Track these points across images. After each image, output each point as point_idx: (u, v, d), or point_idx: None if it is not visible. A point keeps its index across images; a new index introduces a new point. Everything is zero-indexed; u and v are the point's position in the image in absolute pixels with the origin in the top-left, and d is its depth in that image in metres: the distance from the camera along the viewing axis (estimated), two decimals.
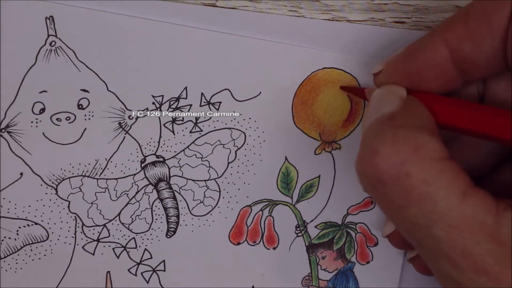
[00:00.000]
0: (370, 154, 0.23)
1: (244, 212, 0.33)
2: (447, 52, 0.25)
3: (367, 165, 0.23)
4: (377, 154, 0.22)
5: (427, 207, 0.21)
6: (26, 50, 0.31)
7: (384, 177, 0.22)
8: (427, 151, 0.22)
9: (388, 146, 0.22)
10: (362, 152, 0.24)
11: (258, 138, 0.33)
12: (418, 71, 0.25)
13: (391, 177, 0.22)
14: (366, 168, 0.23)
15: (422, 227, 0.22)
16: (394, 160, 0.22)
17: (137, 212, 0.33)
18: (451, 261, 0.21)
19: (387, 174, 0.22)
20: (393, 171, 0.22)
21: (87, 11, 0.31)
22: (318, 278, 0.34)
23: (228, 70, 0.32)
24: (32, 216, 0.32)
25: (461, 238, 0.21)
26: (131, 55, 0.31)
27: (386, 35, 0.32)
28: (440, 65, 0.25)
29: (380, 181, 0.22)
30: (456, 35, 0.24)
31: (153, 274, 0.33)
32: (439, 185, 0.21)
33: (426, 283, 0.34)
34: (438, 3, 0.32)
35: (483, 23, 0.24)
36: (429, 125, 0.24)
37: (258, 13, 0.32)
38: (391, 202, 0.23)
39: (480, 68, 0.25)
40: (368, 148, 0.23)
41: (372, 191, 0.23)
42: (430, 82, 0.26)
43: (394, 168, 0.22)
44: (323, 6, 0.32)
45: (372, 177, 0.23)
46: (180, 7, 0.31)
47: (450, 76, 0.25)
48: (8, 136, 0.31)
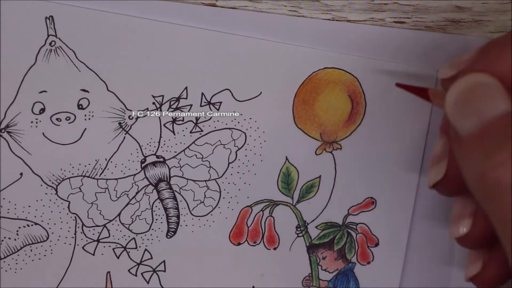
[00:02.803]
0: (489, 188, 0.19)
1: (245, 212, 0.33)
2: None
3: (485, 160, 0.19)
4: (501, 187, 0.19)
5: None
6: (26, 50, 0.31)
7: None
8: None
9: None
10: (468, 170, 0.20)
11: (259, 138, 0.33)
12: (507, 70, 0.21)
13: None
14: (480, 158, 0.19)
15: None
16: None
17: (137, 213, 0.33)
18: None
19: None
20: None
21: (87, 11, 0.31)
22: (319, 278, 0.34)
23: (228, 70, 0.32)
24: (32, 216, 0.32)
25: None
26: (131, 55, 0.31)
27: (386, 35, 0.32)
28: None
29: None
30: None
31: (153, 274, 0.33)
32: None
33: (427, 283, 0.34)
34: (438, 3, 0.32)
35: None
36: None
37: (258, 13, 0.32)
38: None
39: None
40: (479, 176, 0.20)
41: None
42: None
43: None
44: (323, 6, 0.32)
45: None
46: (180, 7, 0.31)
47: None
48: (8, 136, 0.31)
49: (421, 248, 0.34)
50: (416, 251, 0.34)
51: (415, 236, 0.34)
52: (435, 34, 0.32)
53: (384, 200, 0.34)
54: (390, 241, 0.34)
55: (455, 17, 0.32)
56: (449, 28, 0.32)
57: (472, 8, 0.32)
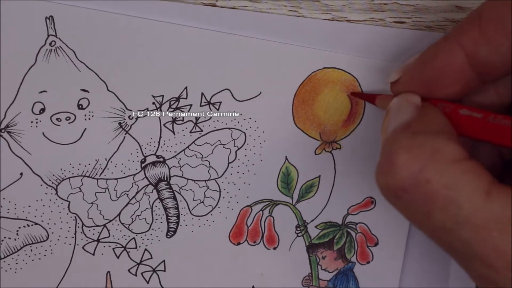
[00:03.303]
0: (388, 164, 0.23)
1: (244, 212, 0.33)
2: (463, 57, 0.24)
3: (386, 176, 0.23)
4: (395, 163, 0.22)
5: (451, 210, 0.21)
6: (26, 50, 0.31)
7: (404, 185, 0.22)
8: (444, 154, 0.22)
9: (405, 154, 0.22)
10: (380, 163, 0.23)
11: (259, 138, 0.33)
12: (436, 78, 0.25)
13: (411, 184, 0.22)
14: (385, 178, 0.23)
15: (450, 231, 0.21)
16: (412, 167, 0.22)
17: (137, 212, 0.33)
18: (484, 261, 0.21)
19: (407, 182, 0.22)
20: (413, 179, 0.22)
21: (87, 11, 0.31)
22: (318, 278, 0.34)
23: (228, 70, 0.32)
24: (32, 216, 0.32)
25: (491, 237, 0.21)
26: (131, 55, 0.31)
27: (386, 35, 0.32)
28: (458, 70, 0.25)
29: (401, 190, 0.22)
30: (471, 39, 0.24)
31: (153, 274, 0.33)
32: (461, 187, 0.21)
33: (426, 283, 0.34)
34: (438, 3, 0.32)
35: (497, 26, 0.23)
36: (446, 129, 0.24)
37: (258, 13, 0.32)
38: (415, 210, 0.22)
39: (498, 69, 0.24)
40: (385, 158, 0.23)
41: (394, 201, 0.23)
42: (448, 88, 0.25)
43: (412, 175, 0.22)
44: (323, 6, 0.32)
45: (392, 186, 0.23)
46: (180, 7, 0.31)
47: (468, 80, 0.25)
48: (8, 136, 0.31)
49: (420, 248, 0.34)
50: (415, 251, 0.34)
51: (414, 236, 0.34)
52: (435, 34, 0.32)
53: (384, 200, 0.33)
54: (390, 241, 0.34)
55: (455, 17, 0.32)
56: (449, 28, 0.32)
57: (472, 8, 0.32)
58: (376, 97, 0.30)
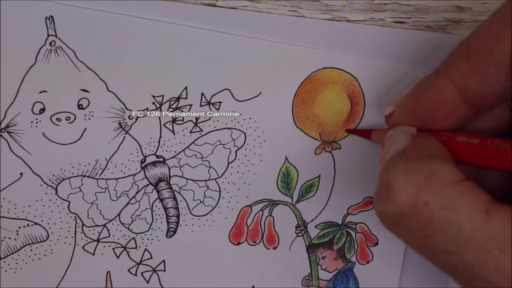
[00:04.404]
0: (385, 190, 0.23)
1: (244, 212, 0.33)
2: (455, 91, 0.24)
3: (384, 202, 0.23)
4: (392, 189, 0.22)
5: (451, 232, 0.21)
6: (26, 50, 0.31)
7: (403, 210, 0.22)
8: (441, 177, 0.22)
9: (401, 178, 0.22)
10: (377, 190, 0.23)
11: (258, 138, 0.33)
12: (428, 112, 0.26)
13: (409, 208, 0.22)
14: (383, 205, 0.23)
15: (451, 253, 0.21)
16: (409, 192, 0.22)
17: (137, 212, 0.33)
18: (486, 281, 0.21)
19: (405, 206, 0.22)
20: (410, 203, 0.22)
21: (87, 11, 0.31)
22: (318, 278, 0.34)
23: (228, 70, 0.32)
24: (32, 216, 0.32)
25: (492, 256, 0.21)
26: (131, 55, 0.31)
27: (386, 35, 0.32)
28: (450, 104, 0.25)
29: (400, 215, 0.22)
30: (461, 72, 0.24)
31: (153, 274, 0.33)
32: (459, 209, 0.21)
33: (426, 283, 0.34)
34: (438, 3, 0.32)
35: (486, 57, 0.23)
36: (441, 153, 0.24)
37: (258, 13, 0.32)
38: (415, 235, 0.22)
39: (490, 100, 0.24)
40: (382, 185, 0.23)
41: (394, 227, 0.23)
42: (442, 121, 0.26)
43: (410, 199, 0.22)
44: (323, 6, 0.32)
45: (391, 213, 0.23)
46: (180, 7, 0.31)
47: (461, 113, 0.25)
48: (8, 136, 0.31)
49: None
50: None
51: None
52: (435, 34, 0.32)
53: None
54: (390, 241, 0.34)
55: (455, 17, 0.32)
56: (449, 28, 0.32)
57: (472, 8, 0.32)
58: (372, 132, 0.31)
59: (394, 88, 0.32)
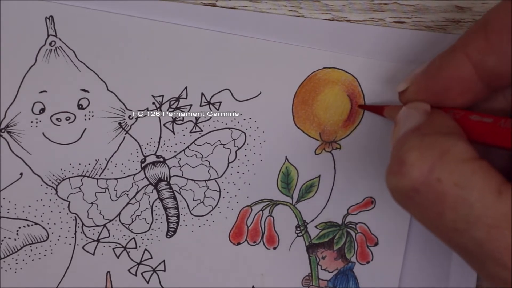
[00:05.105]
0: (398, 165, 0.23)
1: (244, 212, 0.33)
2: (471, 68, 0.24)
3: (396, 176, 0.23)
4: (405, 163, 0.22)
5: (463, 210, 0.21)
6: (26, 50, 0.31)
7: (415, 185, 0.22)
8: (454, 153, 0.22)
9: (415, 153, 0.22)
10: (390, 165, 0.23)
11: (258, 138, 0.33)
12: (443, 89, 0.26)
13: (422, 184, 0.22)
14: (396, 180, 0.23)
15: (462, 231, 0.21)
16: (422, 167, 0.22)
17: (137, 212, 0.33)
18: (497, 261, 0.21)
19: (418, 181, 0.22)
20: (423, 178, 0.22)
21: (87, 11, 0.31)
22: (318, 278, 0.34)
23: (228, 70, 0.32)
24: (32, 216, 0.32)
25: (504, 236, 0.20)
26: (131, 55, 0.31)
27: (386, 35, 0.32)
28: (465, 80, 0.25)
29: (412, 190, 0.22)
30: (478, 49, 0.24)
31: (153, 274, 0.33)
32: (472, 186, 0.21)
33: (426, 283, 0.34)
34: (438, 3, 0.32)
35: (504, 34, 0.23)
36: (455, 131, 0.24)
37: (258, 13, 0.32)
38: (426, 211, 0.22)
39: (506, 78, 0.24)
40: (395, 160, 0.23)
41: (406, 202, 0.23)
42: (456, 98, 0.26)
43: (423, 174, 0.22)
44: (323, 6, 0.32)
45: (404, 187, 0.22)
46: (180, 7, 0.31)
47: (476, 90, 0.25)
48: (8, 136, 0.31)
49: (420, 248, 0.34)
50: (415, 251, 0.34)
51: (414, 236, 0.34)
52: (435, 34, 0.32)
53: (383, 200, 0.34)
54: (390, 241, 0.34)
55: (455, 17, 0.32)
56: (449, 28, 0.32)
57: (472, 8, 0.32)
58: (384, 108, 0.31)
59: (394, 88, 0.32)
